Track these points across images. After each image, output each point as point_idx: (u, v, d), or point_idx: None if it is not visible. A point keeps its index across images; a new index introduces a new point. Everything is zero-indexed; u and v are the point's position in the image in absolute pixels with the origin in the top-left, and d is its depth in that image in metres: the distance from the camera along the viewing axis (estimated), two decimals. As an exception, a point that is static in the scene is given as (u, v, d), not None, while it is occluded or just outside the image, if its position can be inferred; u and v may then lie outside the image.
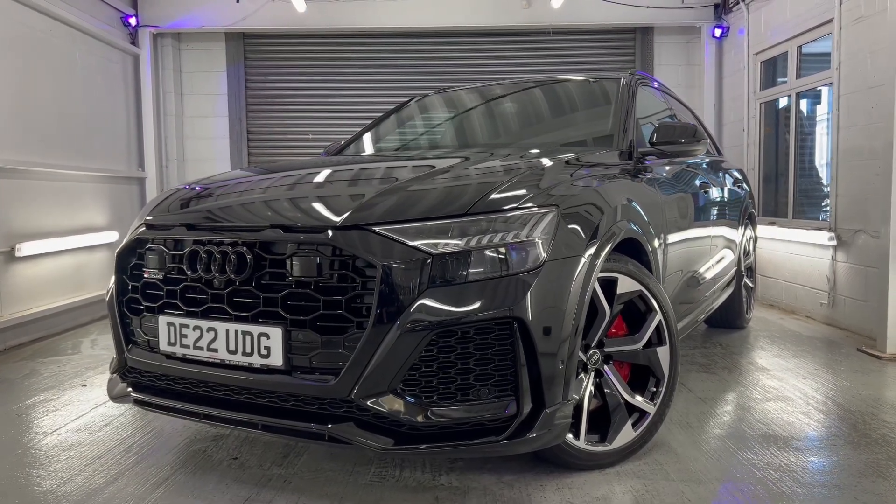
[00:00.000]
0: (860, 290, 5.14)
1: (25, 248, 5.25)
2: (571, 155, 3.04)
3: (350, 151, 4.18)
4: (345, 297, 2.20)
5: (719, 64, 7.60)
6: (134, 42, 7.24)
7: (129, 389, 2.69)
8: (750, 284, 5.54)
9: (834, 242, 5.38)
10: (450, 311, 2.17)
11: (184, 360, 2.47)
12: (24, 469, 2.81)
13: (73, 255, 6.02)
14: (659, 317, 2.81)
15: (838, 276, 5.40)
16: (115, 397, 2.76)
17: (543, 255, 2.31)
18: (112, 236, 6.60)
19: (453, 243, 2.22)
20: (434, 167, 2.75)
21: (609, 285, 2.66)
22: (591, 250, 2.48)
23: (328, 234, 2.24)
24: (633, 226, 2.86)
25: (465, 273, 2.21)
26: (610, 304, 2.66)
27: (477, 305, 2.19)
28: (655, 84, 4.42)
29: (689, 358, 4.48)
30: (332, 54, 7.99)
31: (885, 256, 4.54)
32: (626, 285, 2.72)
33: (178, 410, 2.55)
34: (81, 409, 3.56)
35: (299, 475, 2.70)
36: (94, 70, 6.50)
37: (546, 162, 2.86)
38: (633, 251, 2.90)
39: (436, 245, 2.21)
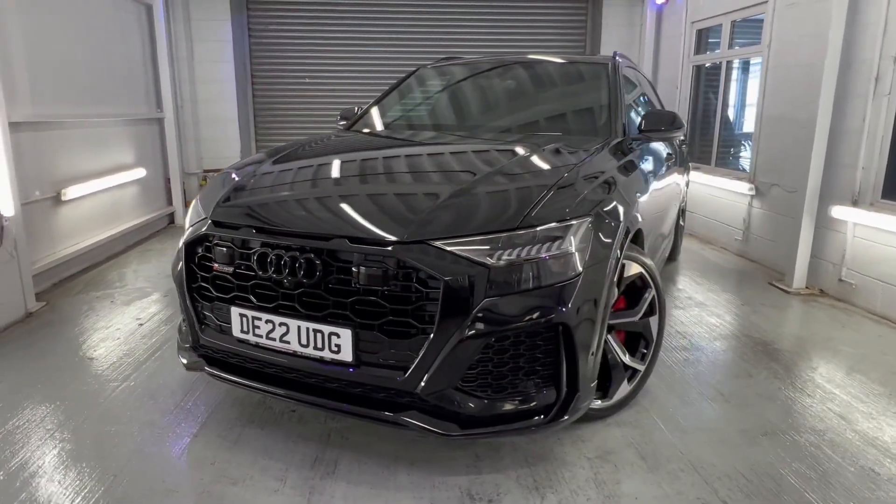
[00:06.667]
0: (770, 232, 5.13)
1: (70, 192, 4.73)
2: (589, 154, 2.70)
3: (367, 122, 3.75)
4: (410, 305, 1.97)
5: (658, 27, 7.18)
6: (147, -7, 6.35)
7: (203, 363, 2.44)
8: (682, 224, 5.46)
9: (752, 192, 5.30)
10: (505, 319, 1.97)
11: (256, 346, 2.22)
12: (112, 425, 2.57)
13: (109, 192, 5.48)
14: (653, 292, 2.67)
15: (752, 219, 5.37)
16: (191, 368, 2.51)
17: (583, 262, 2.09)
18: (140, 173, 6.04)
19: (506, 255, 1.99)
20: (474, 174, 2.40)
21: (619, 269, 2.48)
22: (618, 249, 2.28)
23: (395, 247, 1.97)
24: (640, 218, 2.66)
25: (517, 283, 1.99)
26: (618, 285, 2.50)
27: (529, 313, 1.99)
28: (629, 64, 4.07)
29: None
30: (325, 8, 7.23)
31: (800, 208, 4.48)
32: (631, 269, 2.55)
33: (250, 387, 2.33)
34: (144, 355, 3.29)
35: (354, 429, 2.54)
36: (114, 23, 5.69)
37: (573, 163, 2.52)
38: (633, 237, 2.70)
39: (491, 258, 1.97)
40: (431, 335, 1.95)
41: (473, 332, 1.94)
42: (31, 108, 4.37)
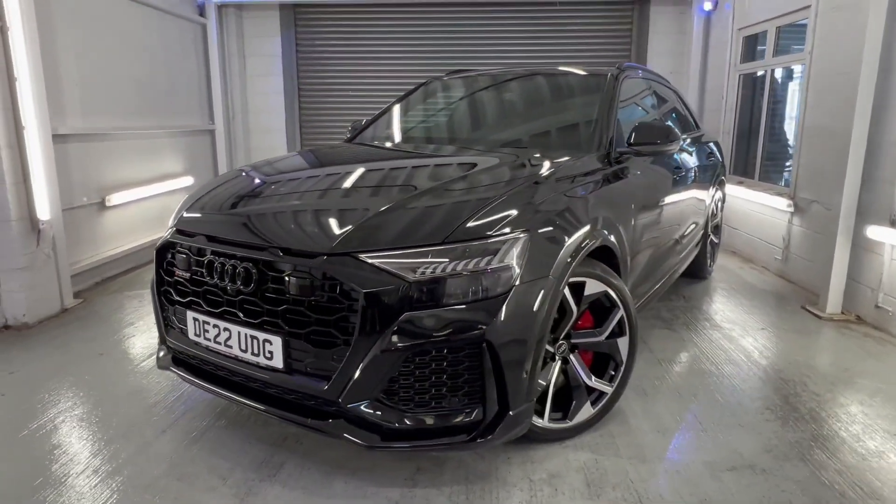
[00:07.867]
0: (808, 252, 4.77)
1: (114, 199, 5.12)
2: (551, 166, 2.64)
3: (367, 135, 3.82)
4: (333, 316, 2.00)
5: (706, 35, 6.88)
6: (202, 13, 6.77)
7: (170, 362, 2.58)
8: (715, 241, 5.18)
9: (791, 209, 4.96)
10: (425, 333, 1.96)
11: (207, 349, 2.33)
12: (98, 416, 2.76)
13: (157, 198, 5.87)
14: (621, 312, 2.57)
15: (792, 237, 5.02)
16: (160, 366, 2.66)
17: (515, 278, 2.05)
18: (188, 181, 6.42)
19: (430, 270, 1.98)
20: (416, 188, 2.39)
21: (577, 286, 2.41)
22: (561, 267, 2.21)
23: (321, 259, 2.02)
24: (610, 237, 2.57)
25: (439, 298, 1.98)
26: (577, 303, 2.42)
27: (450, 329, 1.97)
28: (640, 73, 3.93)
29: (654, 313, 4.23)
30: (368, 22, 7.44)
31: (836, 227, 4.15)
32: (592, 287, 2.46)
33: (205, 387, 2.43)
34: (147, 353, 3.51)
35: (310, 435, 2.59)
36: (169, 41, 6.12)
37: (526, 176, 2.49)
38: (604, 254, 2.62)
39: (413, 272, 1.98)
40: (351, 346, 1.97)
41: (392, 345, 1.95)
42: (81, 120, 4.77)
